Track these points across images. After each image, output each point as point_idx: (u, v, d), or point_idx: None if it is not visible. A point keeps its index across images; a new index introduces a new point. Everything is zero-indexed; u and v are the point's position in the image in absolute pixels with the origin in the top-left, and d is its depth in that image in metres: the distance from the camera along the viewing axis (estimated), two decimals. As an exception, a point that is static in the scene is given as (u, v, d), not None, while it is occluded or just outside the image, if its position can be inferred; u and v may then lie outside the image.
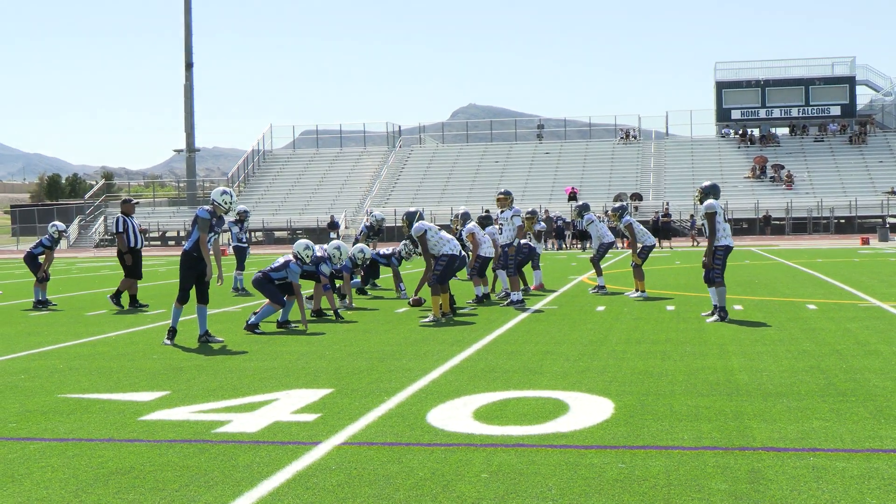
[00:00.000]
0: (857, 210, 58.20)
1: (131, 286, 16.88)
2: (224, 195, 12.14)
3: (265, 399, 8.03)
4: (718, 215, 13.16)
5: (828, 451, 5.97)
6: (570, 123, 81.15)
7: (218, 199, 12.07)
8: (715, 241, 13.08)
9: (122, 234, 16.93)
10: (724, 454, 5.95)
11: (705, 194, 13.45)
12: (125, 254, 16.88)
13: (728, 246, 13.18)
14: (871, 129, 69.56)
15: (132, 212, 17.44)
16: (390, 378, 8.95)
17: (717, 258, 13.11)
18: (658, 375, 8.80)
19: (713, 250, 13.11)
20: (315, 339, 12.13)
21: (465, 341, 11.48)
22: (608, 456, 5.95)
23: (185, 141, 72.79)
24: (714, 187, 13.59)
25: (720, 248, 13.13)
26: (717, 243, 13.09)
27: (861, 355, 9.78)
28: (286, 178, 72.41)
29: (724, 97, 71.90)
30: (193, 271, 11.89)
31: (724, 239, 13.13)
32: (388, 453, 6.13)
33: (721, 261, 13.13)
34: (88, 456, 6.23)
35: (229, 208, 12.12)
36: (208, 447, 6.37)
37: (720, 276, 13.12)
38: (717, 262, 13.11)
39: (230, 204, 12.14)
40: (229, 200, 12.14)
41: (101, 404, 7.99)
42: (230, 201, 12.15)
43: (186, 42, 71.43)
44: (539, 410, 7.31)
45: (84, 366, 10.22)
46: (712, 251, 13.11)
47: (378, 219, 21.64)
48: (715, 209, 13.13)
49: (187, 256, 11.86)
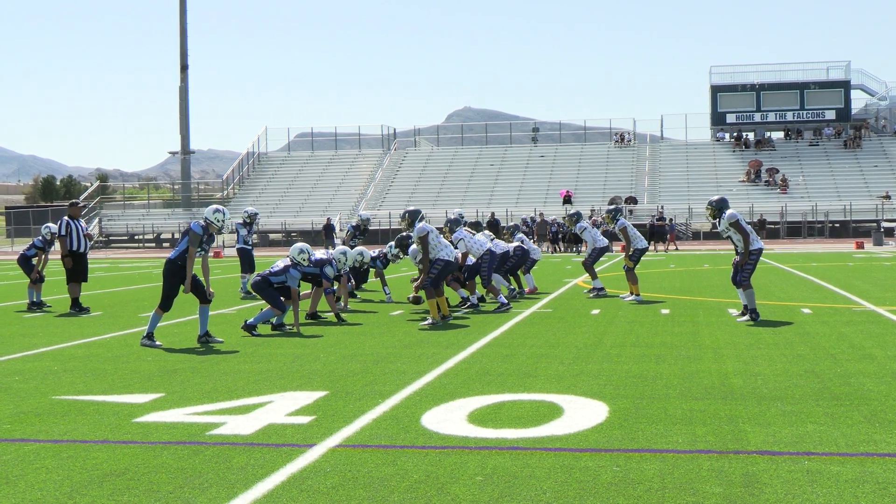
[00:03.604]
0: (852, 214, 58.26)
1: (73, 289, 16.76)
2: (217, 213, 12.18)
3: (260, 401, 8.03)
4: (741, 222, 13.61)
5: (822, 455, 5.98)
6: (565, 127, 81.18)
7: (210, 217, 12.12)
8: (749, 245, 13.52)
9: (64, 238, 16.79)
10: (718, 458, 5.96)
11: (719, 209, 13.91)
12: (65, 256, 16.75)
13: (760, 249, 13.67)
14: (865, 134, 69.65)
15: (78, 215, 17.34)
16: (385, 381, 8.95)
17: (750, 262, 13.51)
18: (653, 379, 8.81)
19: (748, 252, 13.50)
20: (310, 341, 12.13)
21: (459, 344, 11.49)
22: (603, 459, 5.96)
23: (180, 143, 72.70)
24: (724, 200, 14.16)
25: (754, 252, 13.55)
26: (751, 247, 13.52)
27: (855, 359, 9.80)
28: (281, 180, 72.35)
29: (720, 101, 71.97)
30: (177, 279, 11.94)
31: (756, 242, 13.61)
32: (382, 456, 6.13)
33: (753, 264, 13.55)
34: (83, 458, 6.22)
35: (221, 227, 12.17)
36: (203, 449, 6.37)
37: (748, 279, 13.51)
38: (749, 266, 13.49)
39: (222, 223, 12.18)
40: (221, 219, 12.17)
41: (96, 406, 7.98)
42: (222, 220, 12.19)
43: (182, 44, 71.40)
44: (533, 413, 7.32)
45: (78, 367, 10.20)
46: (748, 253, 13.52)
47: (364, 219, 21.74)
48: (737, 217, 13.62)
49: (171, 265, 11.93)
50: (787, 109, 71.10)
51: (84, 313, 16.40)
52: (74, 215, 17.21)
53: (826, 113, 70.81)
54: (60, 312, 16.65)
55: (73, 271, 16.74)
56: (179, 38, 71.34)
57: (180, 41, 71.41)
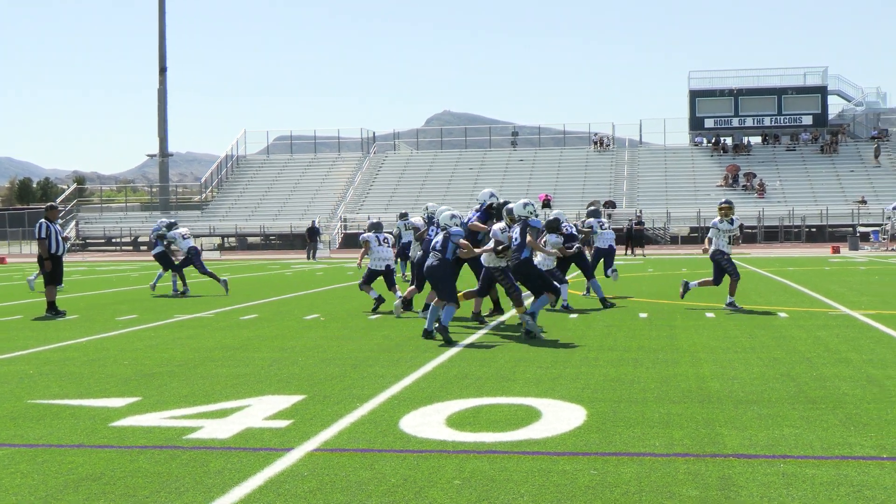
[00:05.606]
0: (829, 219, 58.64)
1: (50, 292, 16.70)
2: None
3: (237, 405, 8.00)
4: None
5: (798, 458, 6.01)
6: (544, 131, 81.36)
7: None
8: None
9: (44, 240, 16.75)
10: (695, 461, 5.98)
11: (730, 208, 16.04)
12: (45, 259, 16.70)
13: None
14: (842, 139, 70.11)
15: (56, 218, 17.30)
16: (363, 384, 8.95)
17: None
18: (630, 382, 8.84)
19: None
20: (288, 345, 12.10)
21: (437, 348, 11.48)
22: (580, 463, 5.97)
23: (159, 145, 72.45)
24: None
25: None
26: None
27: (831, 363, 9.87)
28: (260, 183, 72.17)
29: (698, 106, 72.28)
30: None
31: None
32: (360, 460, 6.12)
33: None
34: (58, 462, 6.19)
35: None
36: (179, 453, 6.34)
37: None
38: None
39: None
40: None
41: (72, 410, 7.94)
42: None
43: (160, 46, 71.15)
44: (512, 417, 7.33)
45: (54, 371, 10.14)
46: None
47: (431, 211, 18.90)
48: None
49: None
50: (765, 114, 71.51)
51: (60, 316, 16.31)
52: (52, 218, 17.13)
53: (803, 118, 71.27)
54: (36, 316, 16.55)
55: (51, 274, 16.67)
56: (158, 39, 71.08)
57: (159, 43, 71.16)
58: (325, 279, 27.60)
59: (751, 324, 13.66)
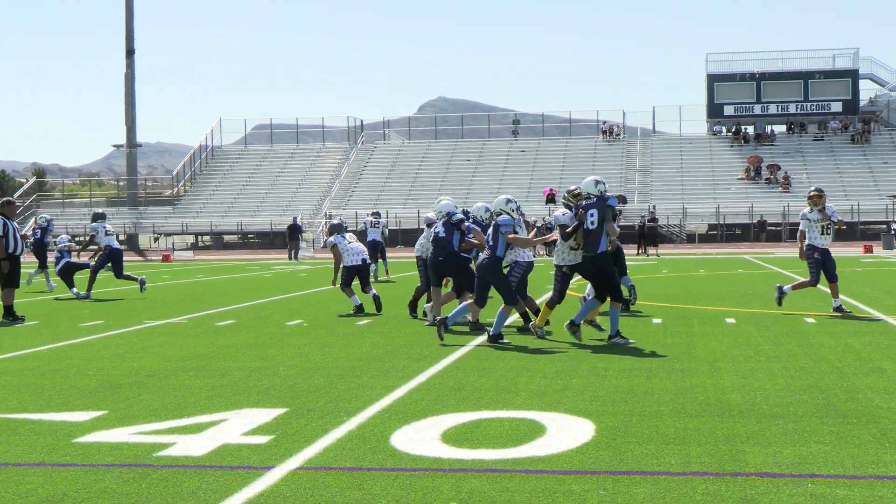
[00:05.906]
0: (860, 215, 58.72)
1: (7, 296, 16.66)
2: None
3: (213, 419, 8.00)
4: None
5: (827, 478, 6.01)
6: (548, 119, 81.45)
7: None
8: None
9: (1, 239, 16.65)
10: (714, 480, 5.99)
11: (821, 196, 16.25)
12: (2, 260, 16.61)
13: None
14: (875, 128, 70.25)
15: (13, 215, 17.22)
16: (350, 397, 8.95)
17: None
18: (643, 394, 8.85)
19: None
20: (268, 353, 12.11)
21: (431, 357, 11.49)
22: (589, 482, 5.98)
23: (126, 135, 72.40)
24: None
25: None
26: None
27: (863, 373, 9.87)
28: (237, 176, 72.21)
29: (716, 91, 72.42)
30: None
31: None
32: (347, 479, 6.12)
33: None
34: (16, 482, 6.18)
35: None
36: (149, 472, 6.34)
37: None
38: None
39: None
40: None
41: (31, 425, 7.93)
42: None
43: (127, 26, 71.10)
44: (513, 432, 7.33)
45: (11, 382, 10.13)
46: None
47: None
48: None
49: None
50: (790, 101, 71.63)
51: (19, 322, 16.29)
52: (9, 215, 17.08)
53: (832, 105, 71.38)
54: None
55: (8, 276, 16.63)
56: (125, 18, 71.03)
57: (126, 22, 71.10)
58: (308, 281, 27.61)
59: (775, 330, 13.67)
